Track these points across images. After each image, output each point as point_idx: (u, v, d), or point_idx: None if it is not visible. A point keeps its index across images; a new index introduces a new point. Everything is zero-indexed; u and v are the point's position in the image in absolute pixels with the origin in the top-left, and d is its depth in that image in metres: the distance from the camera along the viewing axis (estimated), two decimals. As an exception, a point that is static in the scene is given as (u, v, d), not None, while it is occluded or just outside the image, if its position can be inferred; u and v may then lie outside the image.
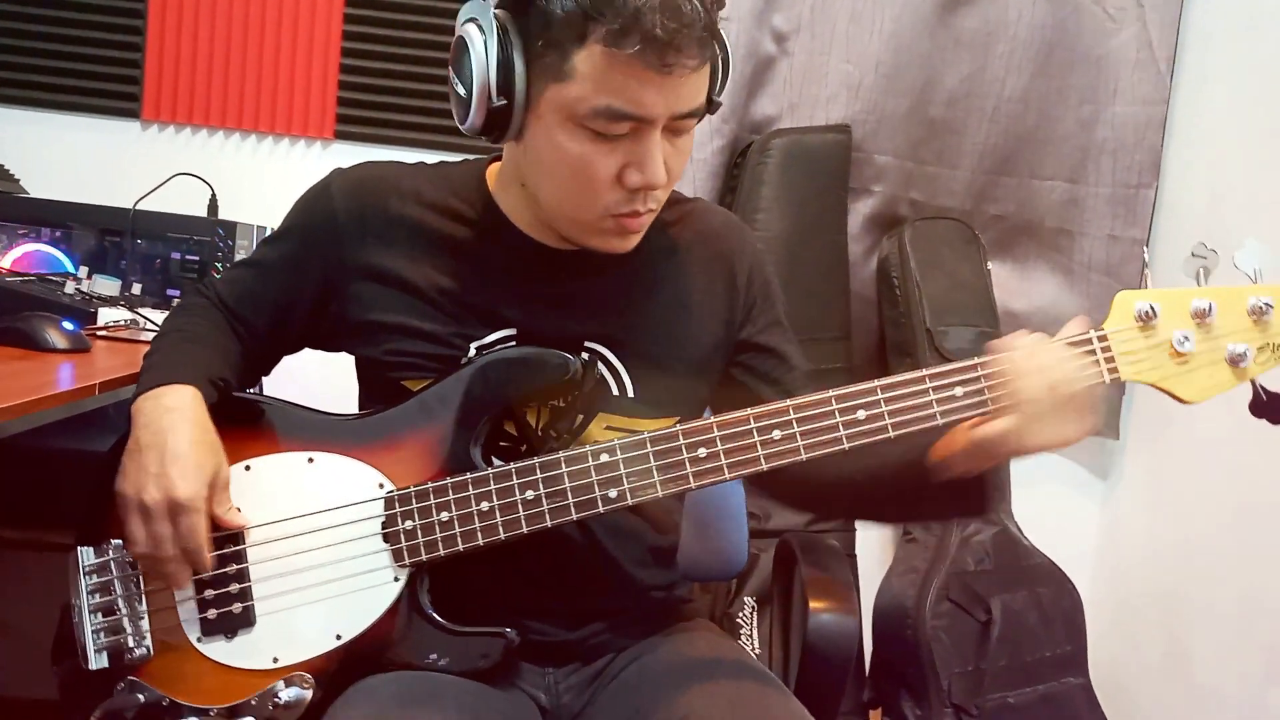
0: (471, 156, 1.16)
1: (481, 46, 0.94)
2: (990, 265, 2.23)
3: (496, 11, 0.95)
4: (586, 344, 1.07)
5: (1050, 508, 2.30)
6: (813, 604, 1.22)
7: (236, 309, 1.12)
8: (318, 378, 1.35)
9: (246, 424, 1.05)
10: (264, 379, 1.23)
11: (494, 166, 1.11)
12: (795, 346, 1.16)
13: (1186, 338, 0.94)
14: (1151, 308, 0.94)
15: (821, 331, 2.15)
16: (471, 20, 0.96)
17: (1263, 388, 0.96)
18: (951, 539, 2.10)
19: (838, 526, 2.17)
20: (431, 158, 1.18)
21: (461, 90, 0.97)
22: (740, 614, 2.05)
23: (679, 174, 1.01)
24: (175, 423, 0.97)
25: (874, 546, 2.33)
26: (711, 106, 1.03)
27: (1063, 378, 0.90)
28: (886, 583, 2.13)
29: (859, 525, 2.20)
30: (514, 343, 1.06)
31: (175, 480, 0.94)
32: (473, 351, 1.06)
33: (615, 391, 1.08)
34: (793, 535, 1.41)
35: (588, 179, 0.96)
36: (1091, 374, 0.92)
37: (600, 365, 1.07)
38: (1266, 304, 0.94)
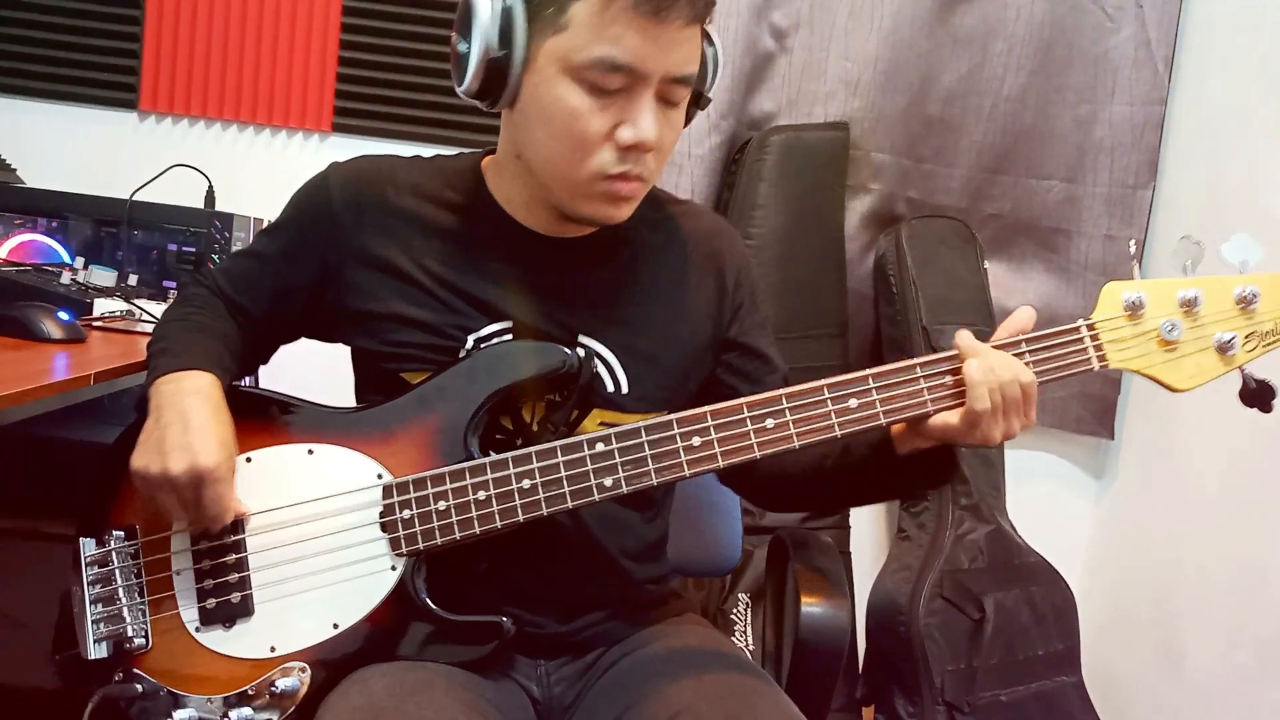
0: (468, 150, 1.16)
1: (485, 2, 0.96)
2: (987, 264, 2.23)
3: None
4: (581, 339, 1.08)
5: (1044, 506, 2.31)
6: (805, 600, 1.22)
7: (235, 298, 1.14)
8: (316, 371, 1.35)
9: (247, 416, 1.05)
10: (261, 370, 1.24)
11: (489, 159, 1.12)
12: (777, 349, 1.19)
13: (1174, 326, 0.96)
14: (1139, 298, 0.96)
15: (817, 328, 2.15)
16: None
17: (1251, 376, 0.97)
18: (945, 537, 2.11)
19: (832, 524, 2.17)
20: (429, 151, 1.19)
21: (463, 47, 0.99)
22: (734, 610, 2.06)
23: (669, 147, 1.02)
24: (198, 404, 0.99)
25: (868, 544, 2.34)
26: (701, 101, 1.04)
27: (1012, 377, 0.94)
28: (880, 580, 2.13)
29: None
30: (510, 336, 1.06)
31: (199, 451, 0.96)
32: (470, 344, 1.06)
33: (610, 388, 1.08)
34: (786, 532, 1.41)
35: (581, 134, 0.96)
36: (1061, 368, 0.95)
37: (595, 360, 1.07)
38: (1253, 293, 0.96)
